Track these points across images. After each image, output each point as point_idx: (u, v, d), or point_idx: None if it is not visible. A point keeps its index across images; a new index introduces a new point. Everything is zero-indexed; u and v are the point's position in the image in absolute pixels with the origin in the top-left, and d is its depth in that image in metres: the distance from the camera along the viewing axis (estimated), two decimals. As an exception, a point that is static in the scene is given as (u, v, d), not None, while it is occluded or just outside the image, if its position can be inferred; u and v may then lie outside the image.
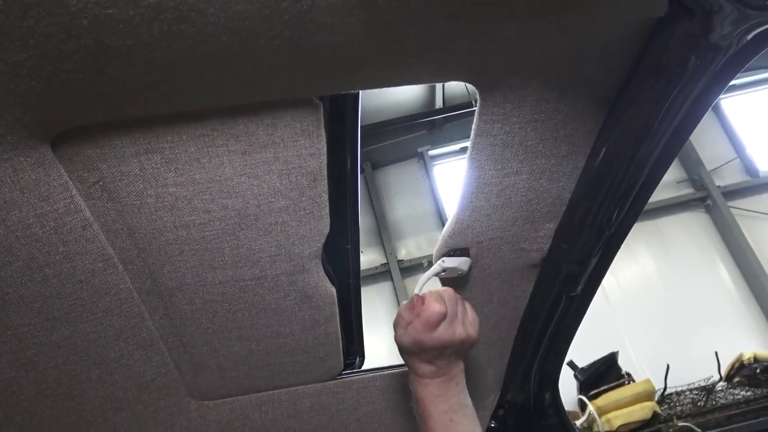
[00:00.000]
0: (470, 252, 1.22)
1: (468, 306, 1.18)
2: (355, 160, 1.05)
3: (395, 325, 1.17)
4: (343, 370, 1.47)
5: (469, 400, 1.18)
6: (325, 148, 0.94)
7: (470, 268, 1.25)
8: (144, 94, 0.77)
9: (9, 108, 0.72)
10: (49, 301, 1.04)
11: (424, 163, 8.70)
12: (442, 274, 1.24)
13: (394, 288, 7.59)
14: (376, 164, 8.68)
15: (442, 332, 1.11)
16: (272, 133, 0.89)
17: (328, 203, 1.03)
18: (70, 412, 1.31)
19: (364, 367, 1.56)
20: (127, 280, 1.07)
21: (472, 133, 1.00)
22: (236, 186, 0.95)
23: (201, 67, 0.74)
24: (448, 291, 1.16)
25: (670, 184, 7.77)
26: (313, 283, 1.17)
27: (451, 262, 1.21)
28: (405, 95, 7.50)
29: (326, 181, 0.99)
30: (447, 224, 1.18)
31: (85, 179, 0.90)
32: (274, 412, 1.54)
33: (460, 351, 1.16)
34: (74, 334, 1.12)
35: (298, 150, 0.92)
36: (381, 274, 7.79)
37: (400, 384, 1.59)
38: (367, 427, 1.66)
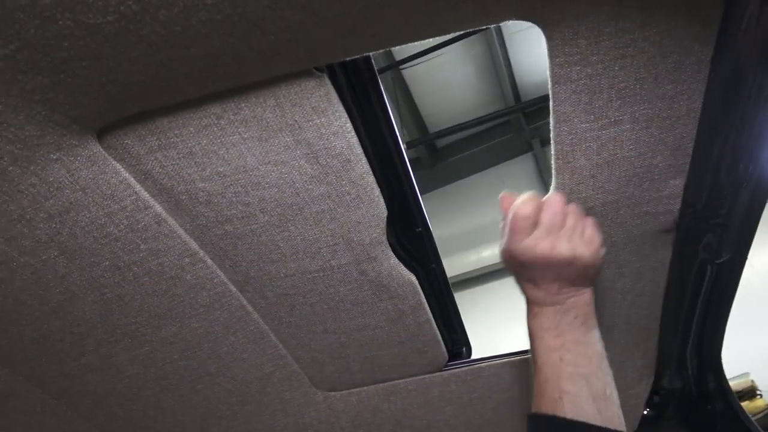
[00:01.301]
0: None
1: (589, 223, 0.97)
2: (394, 136, 0.94)
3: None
4: (449, 361, 1.36)
5: (595, 342, 0.97)
6: (349, 126, 0.86)
7: None
8: (160, 78, 0.74)
9: (31, 106, 0.72)
10: (147, 299, 1.07)
11: (597, 133, 8.17)
12: None
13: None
14: (545, 141, 8.31)
15: (535, 242, 0.92)
16: (282, 115, 0.83)
17: (376, 186, 0.95)
18: (198, 406, 1.37)
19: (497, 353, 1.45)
20: (219, 273, 1.07)
21: (548, 81, 0.84)
22: (265, 175, 0.91)
23: (204, 39, 0.68)
24: (555, 198, 0.95)
25: None
26: (385, 272, 1.09)
27: None
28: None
29: (366, 162, 0.91)
30: (550, 191, 1.03)
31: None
32: (403, 402, 1.49)
33: (570, 274, 0.95)
34: (182, 330, 1.15)
35: (317, 130, 0.85)
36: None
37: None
38: (504, 417, 1.55)
